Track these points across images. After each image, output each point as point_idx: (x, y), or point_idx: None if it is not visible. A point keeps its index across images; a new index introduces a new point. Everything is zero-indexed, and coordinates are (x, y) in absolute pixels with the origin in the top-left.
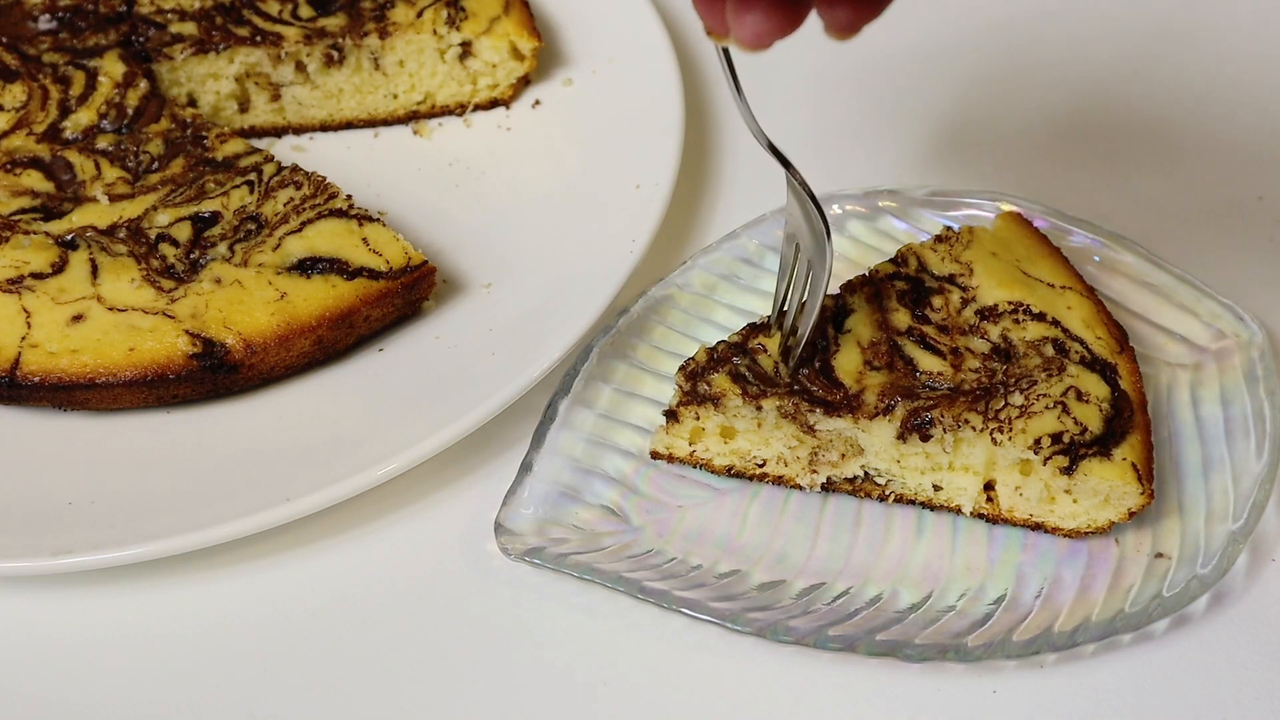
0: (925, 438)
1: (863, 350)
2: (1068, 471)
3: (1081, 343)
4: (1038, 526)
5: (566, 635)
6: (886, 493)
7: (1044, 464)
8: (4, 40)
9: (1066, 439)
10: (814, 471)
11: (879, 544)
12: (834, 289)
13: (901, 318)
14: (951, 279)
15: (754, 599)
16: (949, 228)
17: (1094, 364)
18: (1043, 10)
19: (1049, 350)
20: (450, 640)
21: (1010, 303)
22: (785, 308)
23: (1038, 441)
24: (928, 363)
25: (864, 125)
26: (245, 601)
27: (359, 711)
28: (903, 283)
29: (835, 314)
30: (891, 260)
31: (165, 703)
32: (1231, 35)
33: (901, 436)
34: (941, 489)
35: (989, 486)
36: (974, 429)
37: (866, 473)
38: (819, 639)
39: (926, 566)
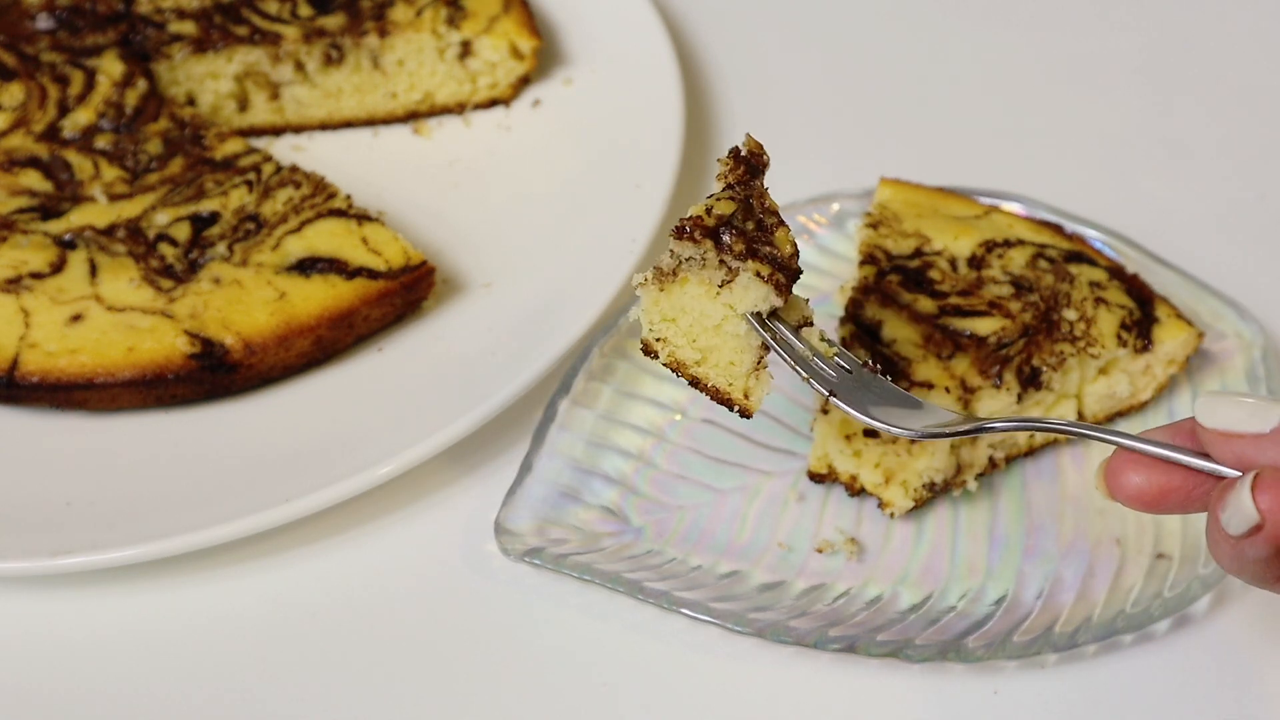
0: (1039, 386)
1: (923, 348)
2: (1146, 349)
3: (1048, 246)
4: (1115, 416)
5: (566, 636)
6: (998, 457)
7: (1136, 353)
8: (2, 39)
9: (1128, 322)
10: (963, 481)
11: (879, 544)
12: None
13: (925, 303)
14: (920, 252)
15: (754, 599)
16: (869, 213)
17: (1071, 256)
18: (1044, 10)
19: (1044, 264)
20: (450, 640)
21: (981, 244)
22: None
23: (1119, 337)
24: (985, 326)
25: (864, 125)
26: (245, 601)
27: (358, 711)
28: (895, 275)
29: (868, 332)
30: (867, 263)
31: (165, 702)
32: (1232, 33)
33: (1020, 398)
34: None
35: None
36: (1071, 355)
37: (992, 459)
38: (819, 640)
39: (927, 567)
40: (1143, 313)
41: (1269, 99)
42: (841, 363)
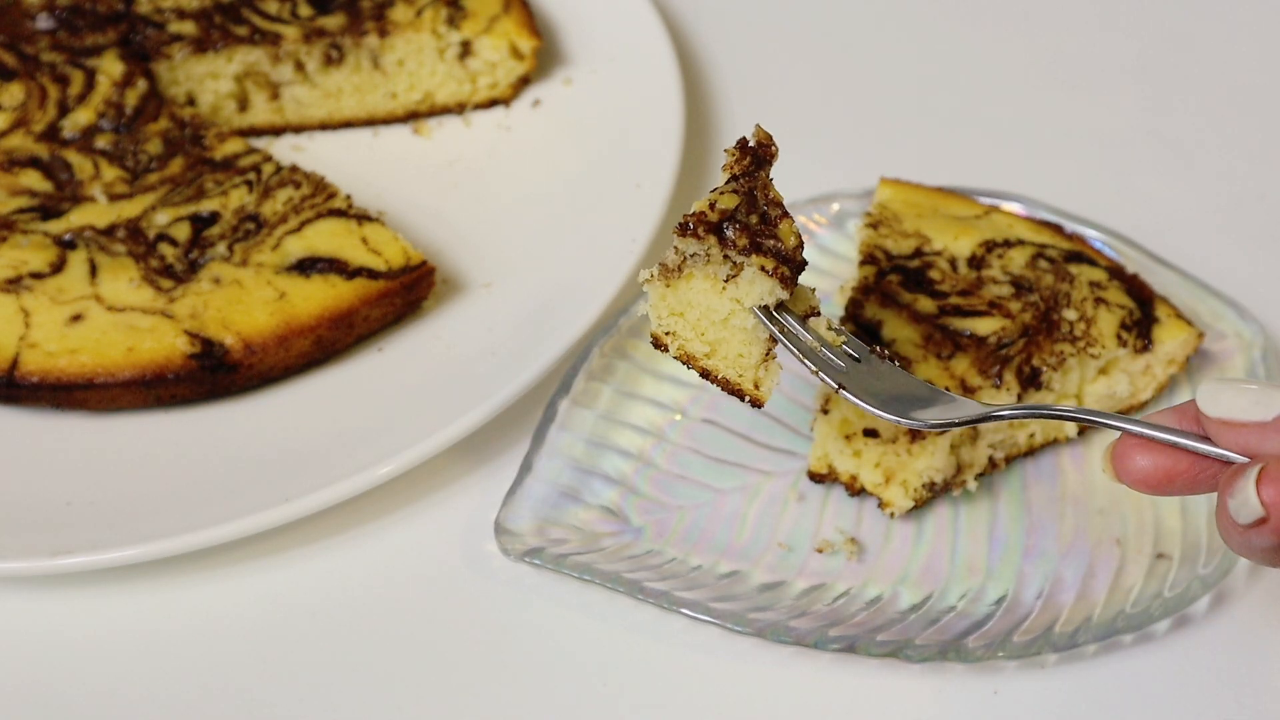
0: (1039, 386)
1: (923, 348)
2: (1146, 349)
3: (1047, 246)
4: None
5: (566, 636)
6: (998, 457)
7: (1136, 353)
8: (2, 39)
9: (1128, 322)
10: (963, 481)
11: (879, 544)
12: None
13: (925, 303)
14: (920, 252)
15: (754, 599)
16: (869, 213)
17: (1071, 256)
18: (1044, 10)
19: (1044, 264)
20: (450, 641)
21: (981, 244)
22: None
23: (1119, 337)
24: (985, 326)
25: (864, 125)
26: (245, 601)
27: (358, 711)
28: (895, 275)
29: (868, 332)
30: (867, 263)
31: (165, 702)
32: (1232, 34)
33: (1019, 398)
34: (1040, 428)
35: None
36: (1071, 355)
37: (991, 459)
38: (819, 640)
39: (927, 567)
40: (1143, 313)
41: (1269, 99)
42: (850, 351)
